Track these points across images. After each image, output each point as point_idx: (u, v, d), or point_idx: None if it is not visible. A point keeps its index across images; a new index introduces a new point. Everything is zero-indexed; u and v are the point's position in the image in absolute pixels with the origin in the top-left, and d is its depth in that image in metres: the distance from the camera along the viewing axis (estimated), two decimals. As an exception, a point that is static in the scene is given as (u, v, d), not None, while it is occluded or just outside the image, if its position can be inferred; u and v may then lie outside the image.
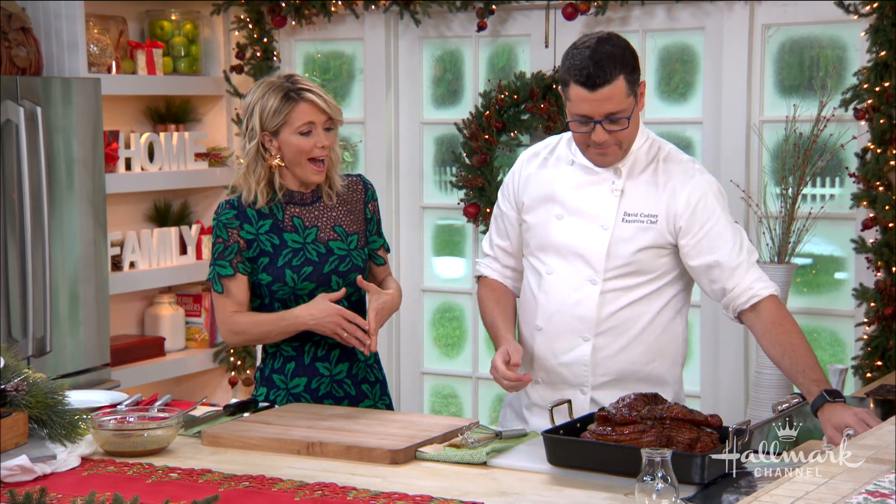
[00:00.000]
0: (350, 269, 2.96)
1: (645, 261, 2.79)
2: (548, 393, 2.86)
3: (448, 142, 5.04)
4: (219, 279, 2.94)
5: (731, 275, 2.75)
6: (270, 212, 2.95)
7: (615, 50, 2.68)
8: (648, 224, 2.77)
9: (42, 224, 4.16)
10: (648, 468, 1.98)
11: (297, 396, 2.98)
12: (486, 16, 4.74)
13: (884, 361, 4.11)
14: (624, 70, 2.67)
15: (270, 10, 5.12)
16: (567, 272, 2.82)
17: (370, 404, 3.02)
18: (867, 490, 1.89)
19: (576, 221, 2.81)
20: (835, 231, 4.42)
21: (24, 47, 4.41)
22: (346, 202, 3.01)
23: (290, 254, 2.93)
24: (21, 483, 2.27)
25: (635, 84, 2.72)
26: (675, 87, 4.68)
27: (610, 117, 2.69)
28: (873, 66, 4.11)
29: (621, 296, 2.79)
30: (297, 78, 2.94)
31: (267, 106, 2.89)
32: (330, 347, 2.97)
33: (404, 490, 2.22)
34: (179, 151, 5.08)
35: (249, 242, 2.94)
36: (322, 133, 2.90)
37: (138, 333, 5.16)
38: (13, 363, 2.54)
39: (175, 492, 2.21)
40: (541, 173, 2.89)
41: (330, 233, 2.97)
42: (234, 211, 2.95)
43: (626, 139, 2.75)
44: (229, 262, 2.93)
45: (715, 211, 2.78)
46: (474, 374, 5.04)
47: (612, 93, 2.66)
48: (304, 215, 2.97)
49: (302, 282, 2.92)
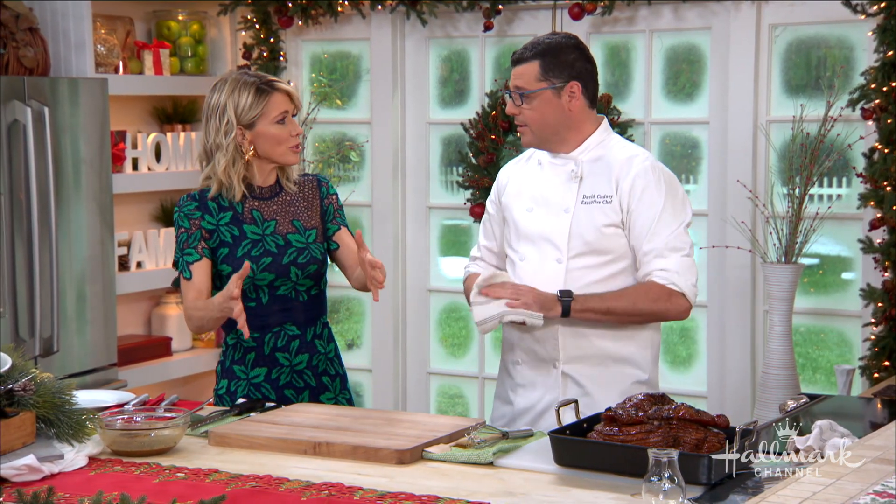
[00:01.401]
0: (309, 261, 3.04)
1: (605, 239, 2.97)
2: (528, 372, 3.07)
3: (454, 142, 5.04)
4: (187, 266, 3.00)
5: (642, 259, 2.96)
6: (230, 204, 3.04)
7: (551, 42, 2.99)
8: (604, 203, 2.97)
9: (49, 224, 4.17)
10: (655, 468, 1.98)
11: (257, 387, 3.03)
12: (493, 16, 4.74)
13: (891, 362, 4.11)
14: (542, 58, 2.97)
15: (277, 11, 5.12)
16: (536, 256, 3.03)
17: (331, 397, 3.10)
18: (875, 490, 1.89)
19: (543, 211, 3.04)
20: (842, 231, 4.41)
21: (32, 48, 4.42)
22: (304, 199, 3.10)
23: (249, 244, 3.01)
24: (28, 482, 2.28)
25: (554, 76, 2.96)
26: (682, 87, 4.68)
27: (515, 90, 2.99)
28: (881, 66, 4.10)
29: (586, 274, 2.97)
30: (257, 72, 3.09)
31: (241, 101, 3.00)
32: (289, 339, 3.04)
33: (411, 490, 2.22)
34: (186, 151, 5.08)
35: (210, 233, 3.02)
36: (293, 121, 3.05)
37: (145, 333, 5.17)
38: (20, 363, 2.55)
39: (182, 491, 2.21)
40: (518, 174, 3.15)
41: (288, 226, 3.06)
42: (195, 203, 3.04)
43: (534, 121, 2.99)
44: (194, 248, 3.01)
45: (648, 196, 2.95)
46: (481, 374, 5.04)
47: (522, 70, 2.99)
48: (264, 209, 3.05)
49: (261, 272, 2.99)
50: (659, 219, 2.93)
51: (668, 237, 2.93)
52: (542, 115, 2.98)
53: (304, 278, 3.03)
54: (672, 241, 2.94)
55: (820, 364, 4.63)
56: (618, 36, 4.70)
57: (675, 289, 2.92)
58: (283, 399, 3.03)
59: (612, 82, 4.71)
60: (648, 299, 2.92)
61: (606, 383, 3.00)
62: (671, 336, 4.79)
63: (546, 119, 2.99)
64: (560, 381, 3.01)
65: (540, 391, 3.04)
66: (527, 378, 3.07)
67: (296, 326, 3.05)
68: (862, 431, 2.61)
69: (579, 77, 2.99)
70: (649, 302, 2.92)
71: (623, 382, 3.01)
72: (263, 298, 3.02)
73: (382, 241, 5.11)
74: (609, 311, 2.93)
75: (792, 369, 4.15)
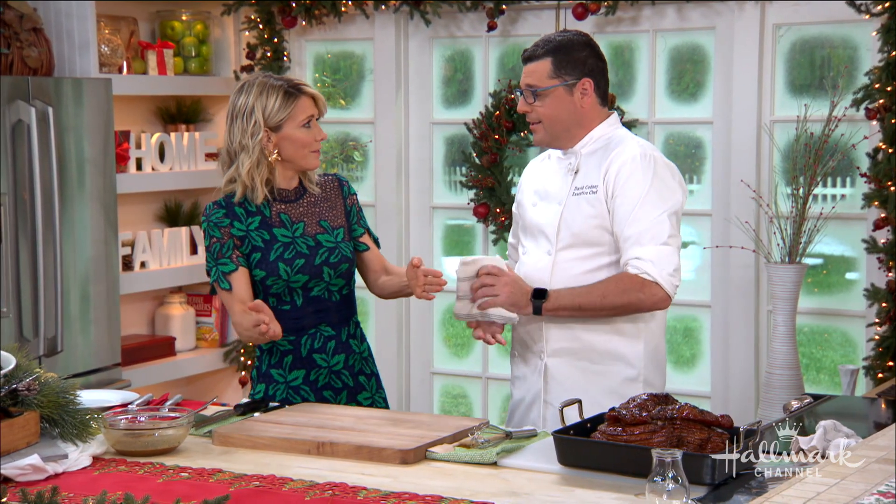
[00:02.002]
0: (340, 259, 3.05)
1: (591, 231, 2.96)
2: (521, 364, 3.10)
3: (458, 142, 5.04)
4: (224, 277, 2.99)
5: (621, 247, 2.92)
6: (258, 209, 3.03)
7: (562, 39, 2.99)
8: (591, 195, 2.97)
9: (53, 224, 4.17)
10: (659, 468, 1.98)
11: (296, 389, 3.03)
12: (497, 16, 4.74)
13: (895, 362, 4.10)
14: (554, 55, 2.97)
15: (281, 11, 5.12)
16: (533, 248, 3.08)
17: (367, 397, 3.09)
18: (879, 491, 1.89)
19: (543, 204, 3.08)
20: (846, 231, 4.41)
21: (36, 48, 4.42)
22: (327, 199, 3.11)
23: (280, 248, 3.01)
24: (33, 482, 2.28)
25: (566, 73, 2.97)
26: (686, 87, 4.67)
27: (527, 88, 2.99)
28: (885, 66, 4.09)
29: (572, 266, 2.97)
30: (284, 76, 3.12)
31: (269, 103, 3.00)
32: (325, 340, 3.05)
33: (414, 490, 2.22)
34: (190, 151, 5.09)
35: (241, 239, 3.01)
36: (317, 125, 3.06)
37: (149, 333, 5.17)
38: (25, 363, 2.55)
39: (186, 491, 2.22)
40: (532, 171, 3.19)
41: (316, 227, 3.06)
42: (222, 210, 3.03)
43: (546, 118, 2.99)
44: (229, 258, 3.00)
45: (632, 182, 2.91)
46: (484, 374, 5.04)
47: (534, 68, 2.99)
48: (291, 211, 3.06)
49: (295, 274, 3.00)
50: (640, 205, 2.88)
51: (648, 224, 2.87)
52: (555, 112, 2.98)
53: (336, 278, 3.04)
54: (652, 229, 2.87)
55: (824, 364, 4.62)
56: (621, 36, 4.69)
57: (648, 278, 2.85)
58: (322, 401, 3.02)
59: (615, 82, 4.71)
60: (618, 291, 2.86)
61: (592, 378, 2.97)
62: (675, 336, 4.78)
63: (559, 116, 2.99)
64: (542, 374, 3.01)
65: (528, 383, 3.07)
66: (520, 370, 3.11)
67: (330, 327, 3.05)
68: (866, 431, 2.61)
69: (591, 74, 2.99)
70: (619, 294, 2.87)
71: (610, 378, 2.96)
72: (298, 301, 3.02)
73: (386, 242, 5.09)
74: (580, 307, 2.90)
75: (796, 369, 4.15)
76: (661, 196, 2.90)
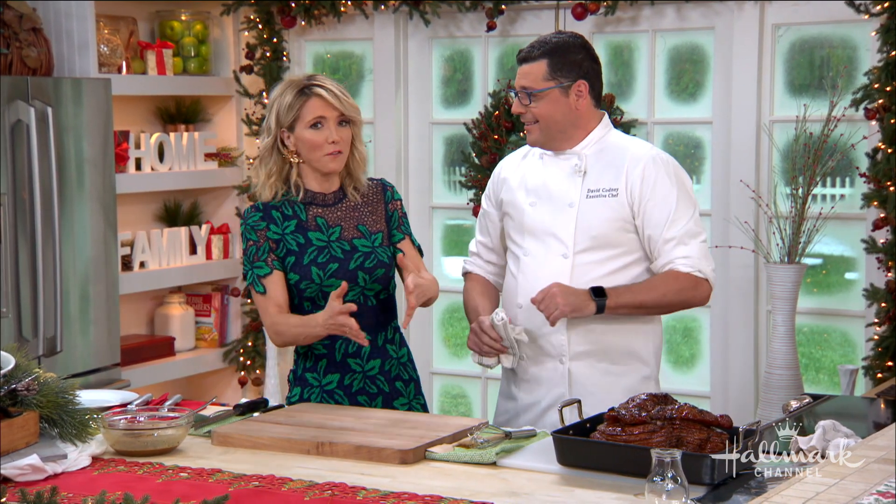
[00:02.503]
0: (376, 265, 2.99)
1: (611, 234, 2.97)
2: (532, 367, 3.05)
3: (457, 142, 5.04)
4: (259, 280, 2.97)
5: (661, 249, 2.96)
6: (294, 213, 2.99)
7: (558, 41, 2.99)
8: (610, 197, 2.97)
9: (53, 224, 4.17)
10: (658, 468, 1.98)
11: (330, 393, 2.99)
12: (496, 16, 4.74)
13: (894, 362, 4.10)
14: (549, 57, 2.96)
15: (280, 11, 5.12)
16: (542, 251, 3.02)
17: (404, 402, 3.03)
18: (878, 491, 1.89)
19: (546, 205, 3.04)
20: (845, 231, 4.41)
21: (35, 48, 4.42)
22: (368, 203, 3.05)
23: (315, 251, 2.97)
24: (32, 482, 2.28)
25: (562, 75, 2.97)
26: (685, 87, 4.67)
27: (522, 90, 2.98)
28: (884, 66, 4.10)
29: (592, 269, 2.96)
30: (317, 76, 3.01)
31: (283, 102, 2.96)
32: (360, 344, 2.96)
33: (414, 490, 2.22)
34: (189, 151, 5.09)
35: (276, 242, 2.98)
36: (334, 128, 2.96)
37: (148, 333, 5.17)
38: (24, 363, 2.55)
39: (185, 491, 2.21)
40: (517, 170, 3.14)
41: (353, 231, 3.01)
42: (259, 213, 3.00)
43: (543, 117, 2.99)
44: (264, 261, 2.97)
45: (662, 187, 2.96)
46: (483, 374, 5.04)
47: (529, 69, 2.98)
48: (327, 216, 3.01)
49: (328, 278, 2.95)
50: (676, 207, 2.95)
51: (687, 224, 2.95)
52: (551, 113, 2.98)
53: (371, 283, 2.98)
54: (692, 228, 2.96)
55: (823, 364, 4.62)
56: (621, 36, 4.69)
57: (700, 275, 2.94)
58: (357, 406, 2.97)
59: (615, 82, 4.71)
60: (676, 290, 2.94)
61: (613, 379, 2.99)
62: (674, 336, 4.78)
63: (554, 118, 2.99)
64: (567, 377, 3.00)
65: (545, 387, 3.03)
66: (530, 374, 3.05)
67: (366, 331, 2.93)
68: (865, 431, 2.61)
69: (586, 76, 2.99)
70: (677, 292, 2.94)
71: (629, 378, 3.00)
72: None
73: (385, 241, 5.11)
74: (641, 304, 2.94)
75: (795, 369, 4.15)
76: (689, 196, 2.99)
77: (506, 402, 3.14)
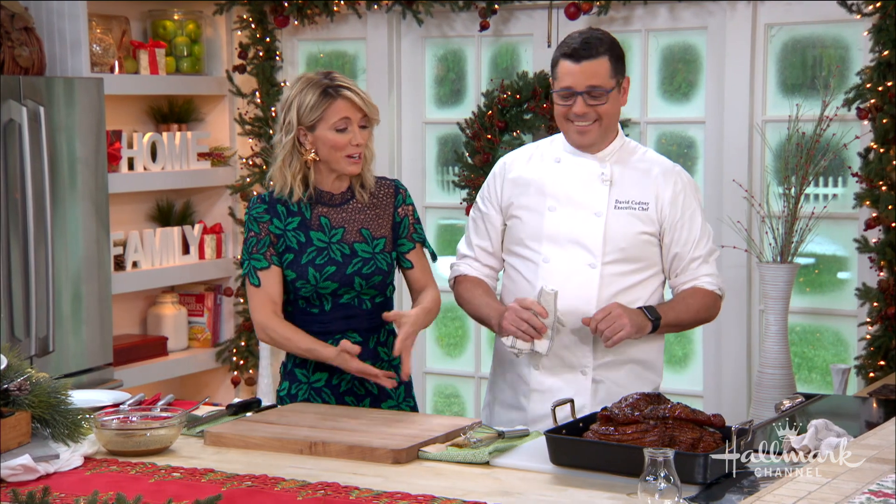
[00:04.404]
0: (374, 271, 2.97)
1: (640, 247, 2.96)
2: (546, 378, 2.99)
3: (451, 141, 5.04)
4: (255, 272, 2.96)
5: (687, 266, 2.99)
6: (299, 209, 2.98)
7: (604, 36, 2.95)
8: (640, 210, 2.96)
9: (45, 224, 4.16)
10: (651, 468, 1.98)
11: (318, 391, 2.99)
12: (489, 15, 4.74)
13: (887, 361, 4.11)
14: (609, 52, 2.91)
15: (273, 10, 5.12)
16: (564, 259, 2.97)
17: (393, 404, 3.02)
18: (870, 490, 1.89)
19: (569, 211, 2.97)
20: (838, 231, 4.41)
21: (27, 47, 4.41)
22: (376, 206, 3.03)
23: (314, 252, 2.96)
24: (24, 482, 2.27)
25: (619, 72, 2.94)
26: (678, 87, 4.68)
27: (591, 90, 2.88)
28: (876, 66, 4.10)
29: (619, 280, 2.95)
30: (336, 75, 2.98)
31: (305, 101, 2.93)
32: None
33: (406, 490, 2.22)
34: (182, 151, 5.08)
35: (277, 237, 2.97)
36: (357, 130, 2.95)
37: (141, 333, 5.16)
38: (16, 363, 2.54)
39: (178, 491, 2.21)
40: (528, 171, 3.05)
41: (356, 235, 2.99)
42: (264, 205, 2.99)
43: (606, 115, 2.93)
44: (263, 254, 2.96)
45: (690, 206, 2.98)
46: (476, 374, 5.04)
47: (595, 67, 2.89)
48: (332, 216, 2.99)
49: (324, 281, 2.94)
50: (701, 227, 3.00)
51: (708, 244, 3.01)
52: (614, 112, 2.95)
53: (368, 288, 2.97)
54: (711, 248, 3.02)
55: (816, 363, 4.63)
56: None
57: (719, 293, 3.01)
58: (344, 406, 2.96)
59: (608, 82, 4.71)
60: (705, 308, 3.00)
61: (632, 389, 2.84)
62: (667, 335, 4.78)
63: (614, 116, 2.97)
64: (590, 388, 2.96)
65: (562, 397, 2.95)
66: (545, 384, 2.98)
67: (358, 334, 2.96)
68: (858, 431, 2.62)
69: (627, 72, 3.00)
70: (706, 310, 3.02)
71: (645, 387, 2.97)
72: (326, 306, 2.97)
73: (378, 241, 5.10)
74: (679, 323, 3.01)
75: (788, 369, 4.15)
76: (704, 215, 3.04)
77: (508, 412, 3.06)
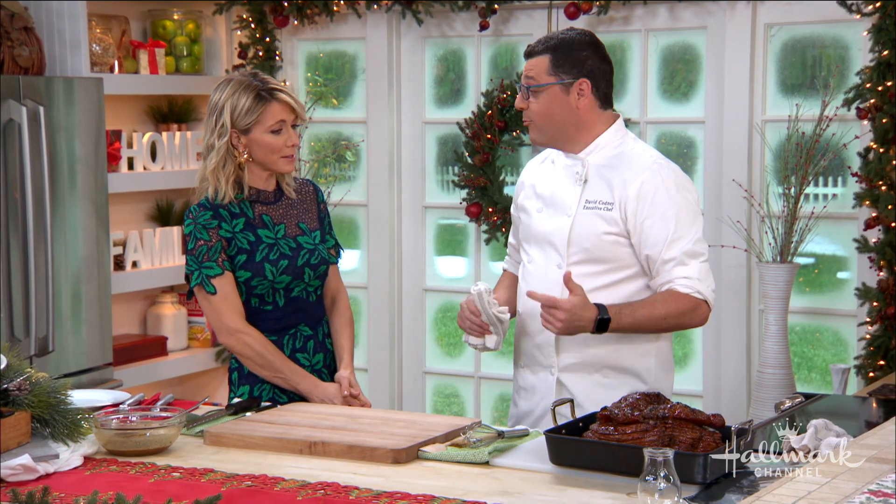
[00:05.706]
0: (319, 261, 3.06)
1: (605, 248, 2.91)
2: (528, 375, 3.05)
3: (450, 141, 5.04)
4: (209, 281, 2.97)
5: (660, 269, 2.87)
6: (241, 210, 3.02)
7: (564, 37, 2.95)
8: (605, 210, 2.91)
9: (45, 223, 4.16)
10: (651, 468, 1.98)
11: (282, 389, 3.03)
12: (489, 15, 4.74)
13: (886, 361, 4.11)
14: (553, 52, 2.92)
15: (273, 10, 5.12)
16: (541, 259, 3.00)
17: None
18: (870, 490, 1.89)
19: (550, 212, 3.00)
20: (837, 230, 4.42)
21: (27, 47, 4.41)
22: (303, 201, 3.12)
23: (266, 249, 3.00)
24: (24, 482, 2.27)
25: (563, 71, 2.92)
26: (678, 87, 4.68)
27: (526, 84, 2.94)
28: (876, 66, 4.10)
29: (584, 281, 2.84)
30: (265, 77, 3.03)
31: (239, 105, 2.96)
32: (305, 339, 3.06)
33: (406, 489, 2.22)
34: (182, 151, 5.08)
35: (228, 241, 3.00)
36: (291, 131, 3.00)
37: (140, 333, 5.16)
38: (16, 362, 2.54)
39: (177, 491, 2.21)
40: (534, 175, 3.11)
41: (296, 229, 3.07)
42: (210, 211, 3.01)
43: (539, 116, 2.94)
44: (215, 261, 2.98)
45: (661, 205, 2.86)
46: (476, 374, 5.04)
47: (534, 64, 2.94)
48: (272, 213, 3.06)
49: (280, 275, 3.00)
50: (676, 226, 2.85)
51: (688, 244, 2.85)
52: (548, 110, 2.92)
53: (314, 279, 3.06)
54: (692, 248, 2.85)
55: (815, 363, 4.63)
56: (613, 35, 4.70)
57: (699, 297, 2.85)
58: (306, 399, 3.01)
59: (607, 82, 4.71)
60: (677, 313, 2.84)
61: (604, 392, 2.88)
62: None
63: (552, 115, 2.93)
64: (554, 388, 2.97)
65: (538, 396, 3.01)
66: (527, 382, 3.05)
67: (308, 327, 3.07)
68: (857, 430, 2.62)
69: (590, 75, 2.93)
70: (678, 315, 2.85)
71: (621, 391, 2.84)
72: (280, 301, 3.02)
73: (378, 241, 5.10)
74: (639, 327, 2.84)
75: (787, 368, 4.16)
76: (690, 212, 2.89)
77: (512, 407, 3.14)
